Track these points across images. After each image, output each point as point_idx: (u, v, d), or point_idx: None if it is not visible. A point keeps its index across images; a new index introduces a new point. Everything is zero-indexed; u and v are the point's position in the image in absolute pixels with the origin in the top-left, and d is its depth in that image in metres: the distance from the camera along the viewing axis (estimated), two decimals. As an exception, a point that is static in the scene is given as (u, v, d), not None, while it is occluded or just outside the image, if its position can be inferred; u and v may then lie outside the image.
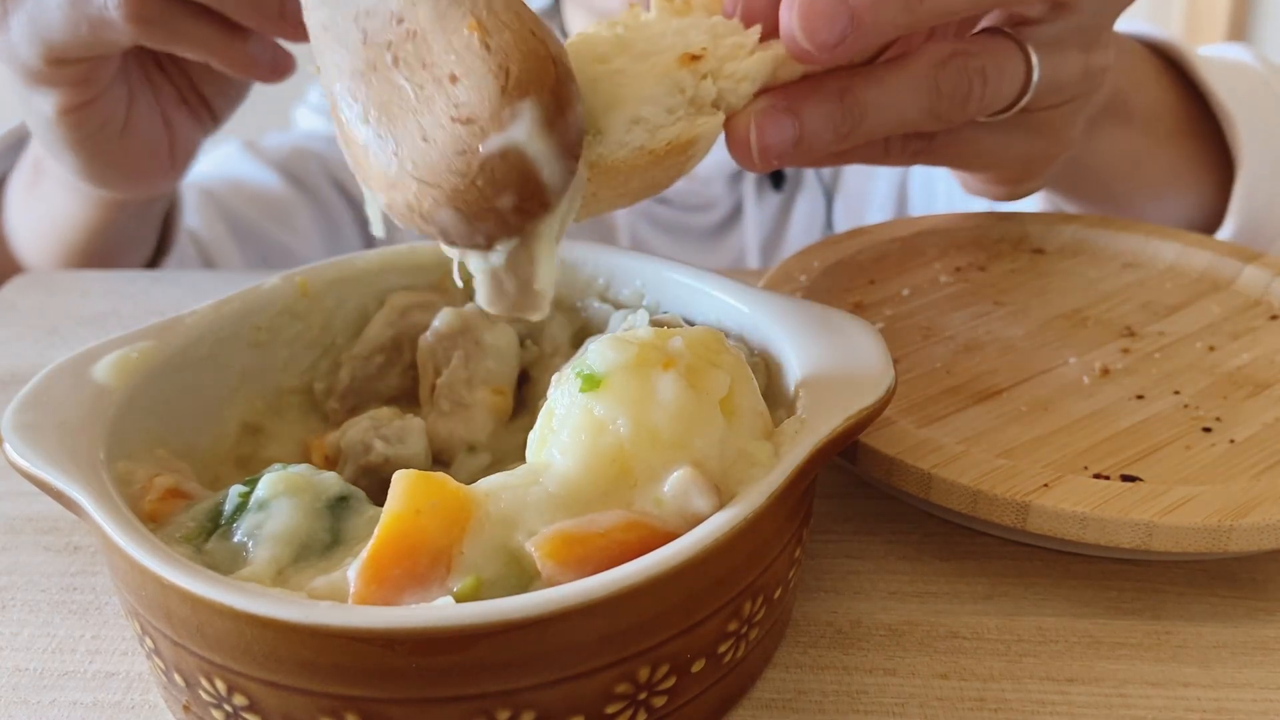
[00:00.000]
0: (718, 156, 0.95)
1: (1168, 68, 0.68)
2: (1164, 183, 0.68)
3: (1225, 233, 0.68)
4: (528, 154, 0.33)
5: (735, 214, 1.00)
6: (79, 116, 0.59)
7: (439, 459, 0.45)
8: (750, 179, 0.98)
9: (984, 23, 0.52)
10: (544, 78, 0.33)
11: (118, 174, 0.65)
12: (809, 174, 1.01)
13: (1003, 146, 0.54)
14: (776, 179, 0.99)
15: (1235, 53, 0.73)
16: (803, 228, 1.01)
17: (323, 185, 0.92)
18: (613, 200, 0.40)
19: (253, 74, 0.57)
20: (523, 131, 0.32)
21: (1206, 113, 0.68)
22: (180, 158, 0.67)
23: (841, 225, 1.01)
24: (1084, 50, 0.52)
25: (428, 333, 0.47)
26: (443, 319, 0.47)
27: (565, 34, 1.00)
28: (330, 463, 0.43)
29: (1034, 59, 0.49)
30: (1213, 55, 0.70)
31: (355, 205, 0.93)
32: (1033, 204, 0.77)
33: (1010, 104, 0.50)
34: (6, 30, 0.54)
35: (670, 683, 0.33)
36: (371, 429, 0.43)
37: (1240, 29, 1.92)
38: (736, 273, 0.86)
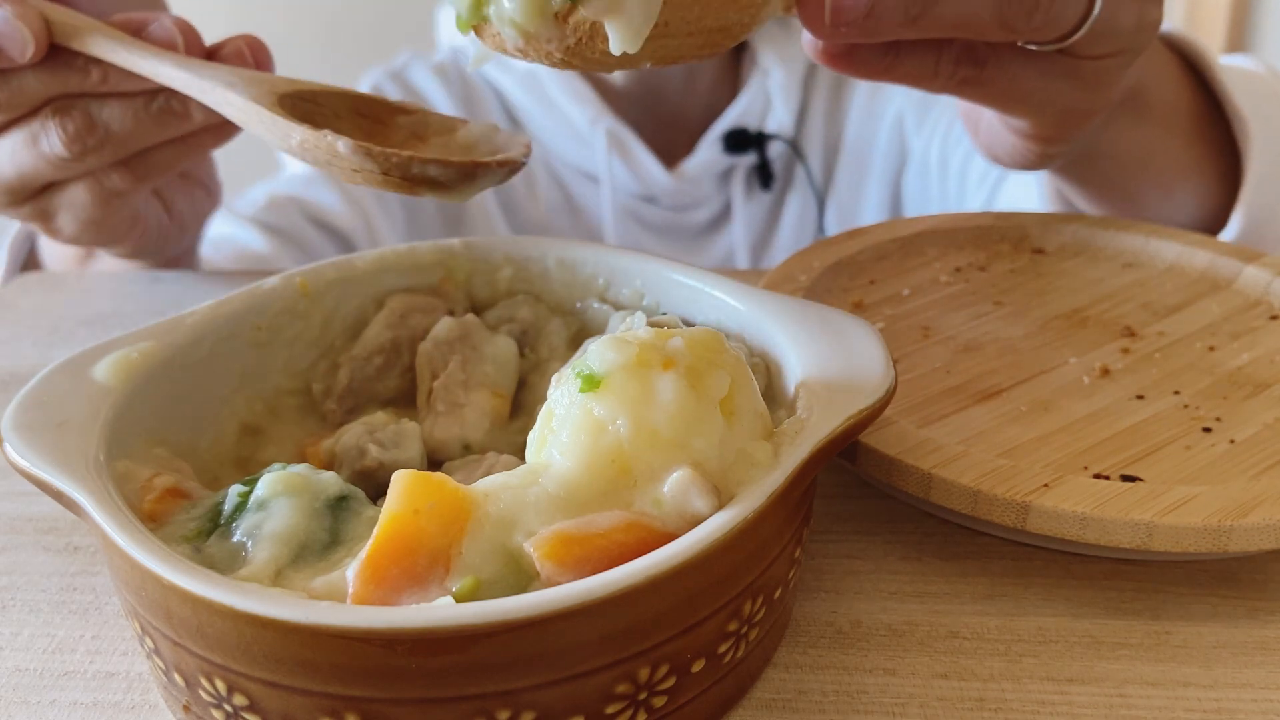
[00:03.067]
0: (709, 156, 0.95)
1: (1185, 67, 0.69)
2: (1174, 180, 0.68)
3: (1229, 233, 0.68)
4: None
5: (724, 214, 1.00)
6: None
7: (435, 464, 0.45)
8: (739, 179, 0.98)
9: None
10: None
11: (129, 251, 0.67)
12: (799, 176, 1.01)
13: (1045, 89, 0.54)
14: (765, 178, 0.99)
15: (1248, 63, 0.74)
16: (793, 230, 1.01)
17: (303, 227, 0.92)
18: (683, 39, 0.39)
19: (211, 146, 0.57)
20: None
21: (1218, 115, 0.68)
22: (190, 227, 0.69)
23: (833, 229, 1.01)
24: (1140, 1, 0.52)
25: (426, 340, 0.47)
26: (442, 327, 0.47)
27: None
28: (326, 468, 0.43)
29: None
30: (1227, 62, 0.71)
31: (339, 238, 0.93)
32: (1039, 202, 0.77)
33: (1068, 32, 0.50)
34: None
35: (670, 683, 0.33)
36: (366, 434, 0.43)
37: (1240, 29, 1.92)
38: (736, 273, 0.86)
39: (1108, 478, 0.43)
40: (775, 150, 0.99)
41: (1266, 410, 0.48)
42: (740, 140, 0.97)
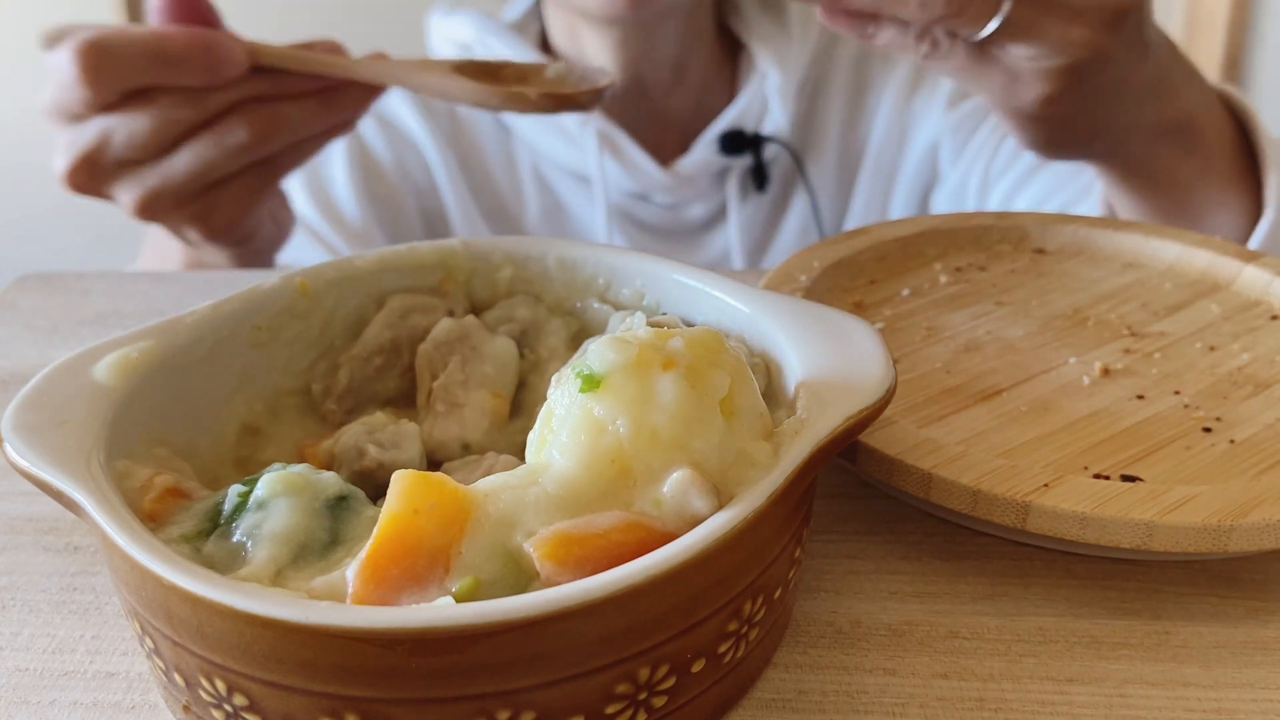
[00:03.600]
0: (704, 155, 0.95)
1: (1233, 120, 0.76)
2: (1209, 209, 0.75)
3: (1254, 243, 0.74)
4: None
5: (719, 213, 1.00)
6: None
7: (434, 464, 0.45)
8: (734, 180, 0.98)
9: None
10: None
11: (247, 251, 0.73)
12: (800, 181, 1.01)
13: (981, 75, 0.64)
14: (760, 180, 0.99)
15: None
16: (794, 235, 1.01)
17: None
18: None
19: (340, 134, 0.66)
20: None
21: (1253, 163, 0.75)
22: (285, 235, 0.77)
23: (832, 232, 1.01)
24: (1064, 21, 0.60)
25: (426, 341, 0.47)
26: (442, 328, 0.47)
27: (549, 36, 1.01)
28: (325, 468, 0.43)
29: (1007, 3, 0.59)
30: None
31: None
32: (1091, 205, 0.85)
33: (981, 25, 0.59)
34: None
35: (670, 683, 0.33)
36: (365, 434, 0.43)
37: (1240, 29, 1.92)
38: (736, 273, 0.86)
39: (1108, 478, 0.43)
40: (771, 153, 0.99)
41: (1266, 410, 0.48)
42: (736, 142, 0.97)
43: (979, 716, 0.38)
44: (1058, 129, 0.67)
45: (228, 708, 0.33)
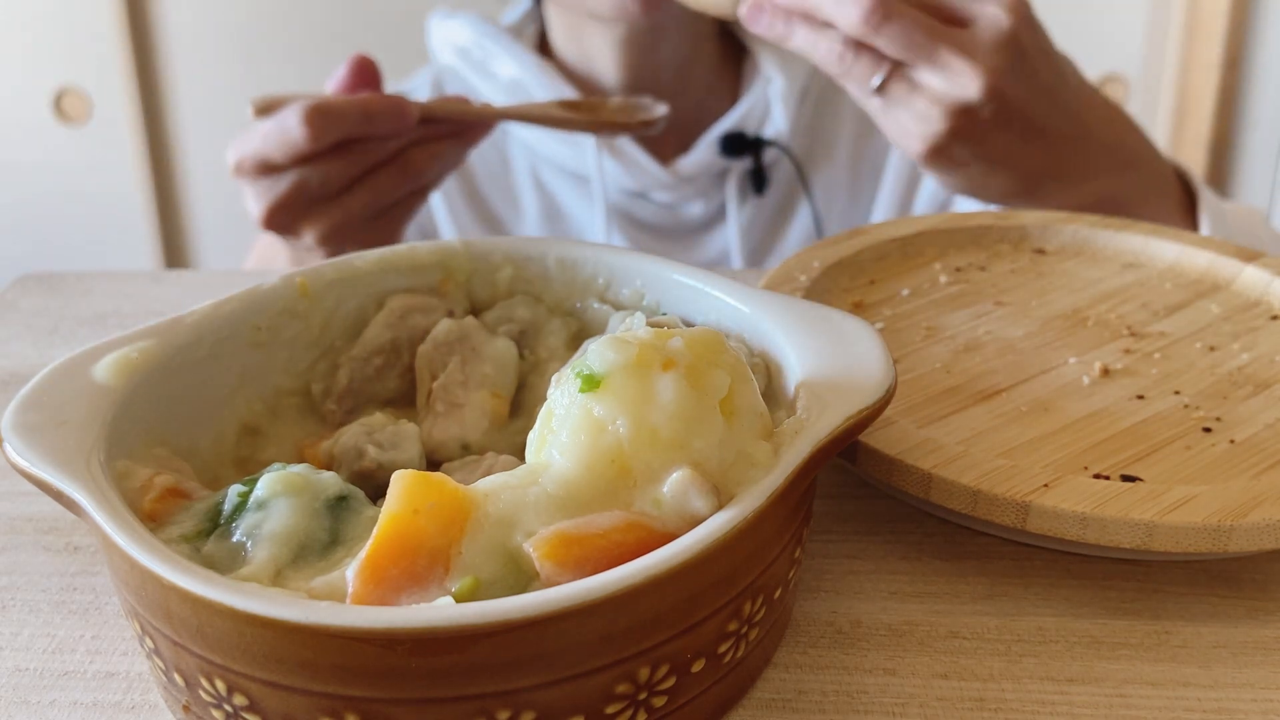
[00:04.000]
0: (704, 155, 0.95)
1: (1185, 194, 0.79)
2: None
3: None
4: None
5: (719, 213, 1.00)
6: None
7: (434, 464, 0.45)
8: (733, 182, 0.98)
9: None
10: None
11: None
12: (801, 184, 1.01)
13: (888, 107, 0.69)
14: (759, 183, 0.99)
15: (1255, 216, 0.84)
16: (796, 239, 1.01)
17: None
18: None
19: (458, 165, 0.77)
20: None
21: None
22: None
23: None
24: (932, 102, 0.67)
25: (426, 342, 0.47)
26: (441, 329, 0.47)
27: (549, 38, 1.01)
28: (324, 469, 0.43)
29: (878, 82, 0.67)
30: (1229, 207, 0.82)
31: None
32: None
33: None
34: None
35: (670, 683, 0.33)
36: (364, 435, 0.43)
37: (1240, 29, 1.92)
38: (736, 273, 0.86)
39: (1108, 478, 0.43)
40: (771, 156, 0.99)
41: (1266, 410, 0.48)
42: (737, 144, 0.97)
43: (979, 716, 0.38)
44: (965, 174, 0.71)
45: (228, 708, 0.33)
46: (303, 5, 1.82)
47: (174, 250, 1.97)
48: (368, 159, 0.69)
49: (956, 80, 0.65)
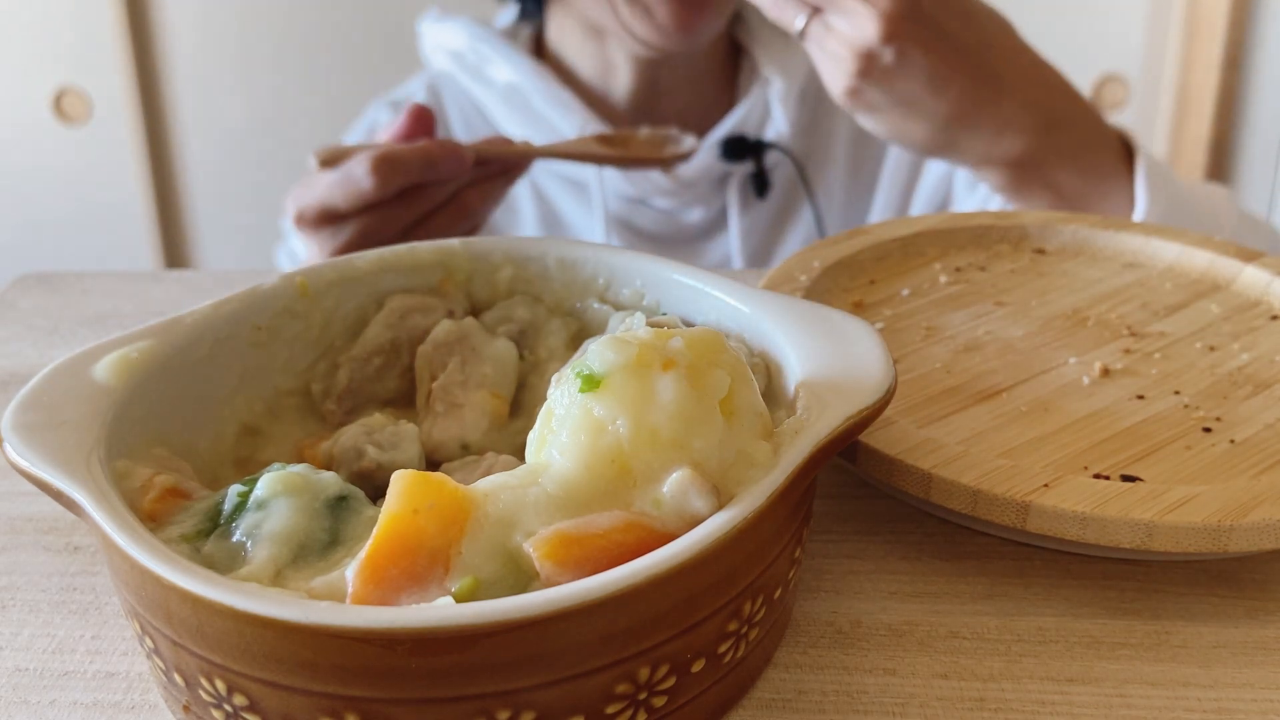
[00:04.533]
0: (704, 160, 0.95)
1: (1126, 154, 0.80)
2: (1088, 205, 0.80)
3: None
4: None
5: (719, 219, 1.00)
6: None
7: (433, 464, 0.45)
8: (734, 186, 0.98)
9: None
10: None
11: None
12: (802, 188, 1.01)
13: (820, 61, 0.72)
14: (760, 186, 0.99)
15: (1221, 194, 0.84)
16: (798, 243, 1.01)
17: None
18: None
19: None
20: None
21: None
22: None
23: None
24: (840, 44, 0.70)
25: (425, 342, 0.47)
26: (441, 329, 0.47)
27: (546, 42, 1.01)
28: (324, 469, 0.43)
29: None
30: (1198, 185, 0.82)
31: None
32: None
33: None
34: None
35: (670, 683, 0.33)
36: (364, 435, 0.43)
37: (1240, 29, 1.92)
38: (736, 273, 0.86)
39: (1108, 478, 0.43)
40: (772, 160, 0.99)
41: (1266, 410, 0.48)
42: (738, 148, 0.97)
43: (979, 716, 0.38)
44: (883, 119, 0.73)
45: (228, 708, 0.33)
46: (302, 6, 1.83)
47: (174, 250, 1.97)
48: (427, 203, 0.72)
49: (856, 23, 0.68)
